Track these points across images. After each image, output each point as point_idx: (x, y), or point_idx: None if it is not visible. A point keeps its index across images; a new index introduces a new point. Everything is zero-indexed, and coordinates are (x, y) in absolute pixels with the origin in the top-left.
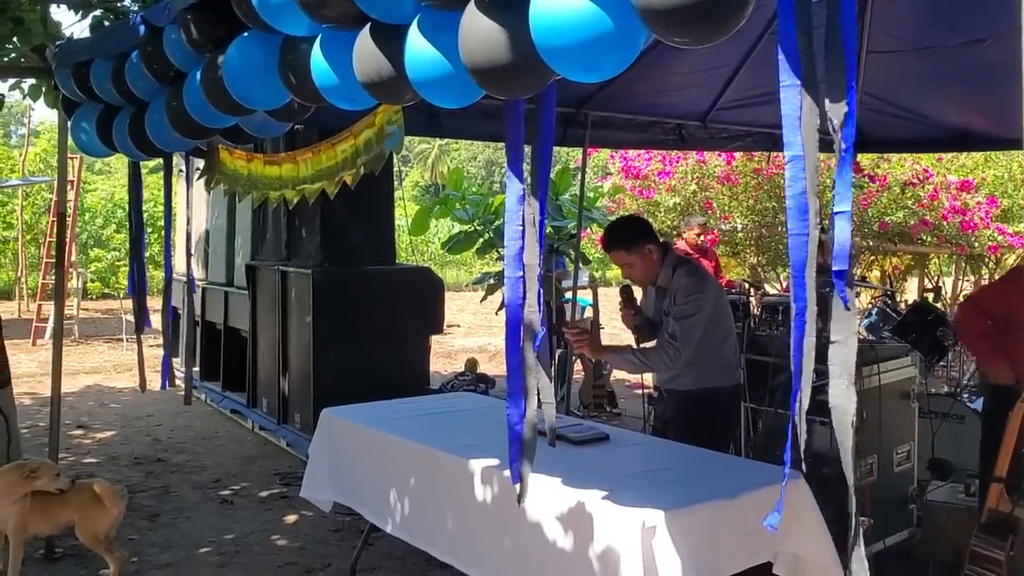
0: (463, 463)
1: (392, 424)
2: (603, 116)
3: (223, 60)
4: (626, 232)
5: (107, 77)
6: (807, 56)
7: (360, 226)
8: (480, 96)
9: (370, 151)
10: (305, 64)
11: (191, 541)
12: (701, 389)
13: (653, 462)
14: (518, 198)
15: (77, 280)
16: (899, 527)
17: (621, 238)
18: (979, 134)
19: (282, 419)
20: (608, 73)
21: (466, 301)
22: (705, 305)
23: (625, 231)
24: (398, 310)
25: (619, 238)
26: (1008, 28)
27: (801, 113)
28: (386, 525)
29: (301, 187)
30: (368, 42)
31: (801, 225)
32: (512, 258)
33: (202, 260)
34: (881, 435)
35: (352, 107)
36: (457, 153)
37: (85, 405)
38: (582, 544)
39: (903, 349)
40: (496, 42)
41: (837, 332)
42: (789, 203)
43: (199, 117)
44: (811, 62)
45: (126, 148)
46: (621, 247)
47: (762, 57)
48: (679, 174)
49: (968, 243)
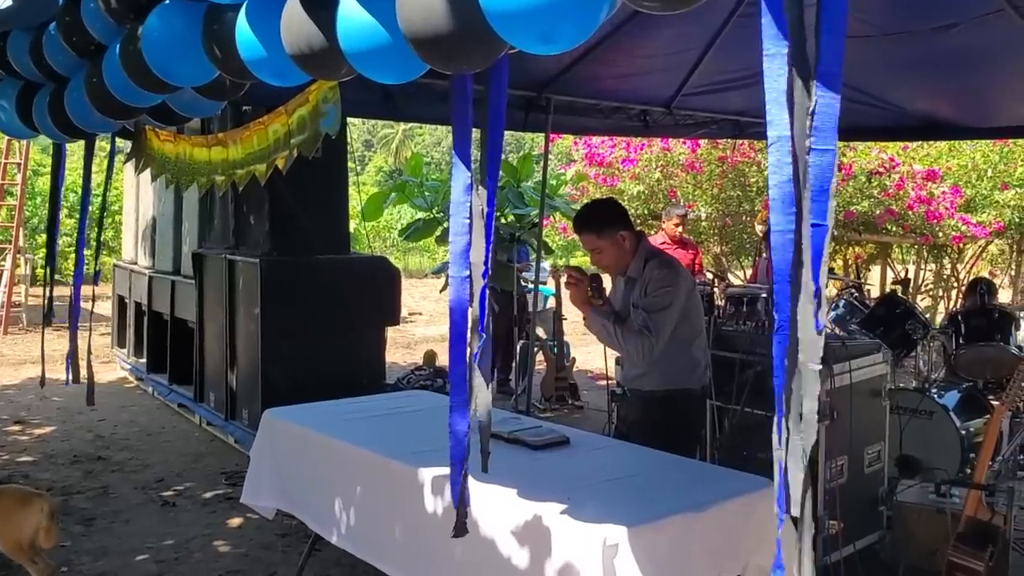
0: (412, 471)
1: (339, 427)
2: (566, 101)
3: (143, 30)
4: (599, 216)
5: (25, 50)
6: (797, 23)
7: (311, 213)
8: (423, 71)
9: (304, 131)
10: (230, 35)
11: (128, 547)
12: (668, 390)
13: (616, 469)
14: (465, 187)
15: (25, 266)
16: (869, 529)
17: (593, 222)
18: (946, 123)
19: (230, 415)
20: (566, 44)
21: (429, 288)
22: (678, 299)
23: (598, 215)
24: (352, 301)
25: (591, 222)
26: (978, 14)
27: (790, 87)
28: (331, 536)
29: (231, 172)
30: (297, 9)
31: (786, 220)
32: (458, 255)
33: (148, 247)
34: (852, 435)
35: (283, 83)
36: (421, 138)
37: (25, 398)
38: (538, 561)
39: (874, 345)
40: (438, 8)
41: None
42: (772, 193)
43: (120, 95)
44: (801, 32)
45: (47, 129)
46: (592, 231)
47: (728, 42)
48: (643, 162)
49: (932, 233)
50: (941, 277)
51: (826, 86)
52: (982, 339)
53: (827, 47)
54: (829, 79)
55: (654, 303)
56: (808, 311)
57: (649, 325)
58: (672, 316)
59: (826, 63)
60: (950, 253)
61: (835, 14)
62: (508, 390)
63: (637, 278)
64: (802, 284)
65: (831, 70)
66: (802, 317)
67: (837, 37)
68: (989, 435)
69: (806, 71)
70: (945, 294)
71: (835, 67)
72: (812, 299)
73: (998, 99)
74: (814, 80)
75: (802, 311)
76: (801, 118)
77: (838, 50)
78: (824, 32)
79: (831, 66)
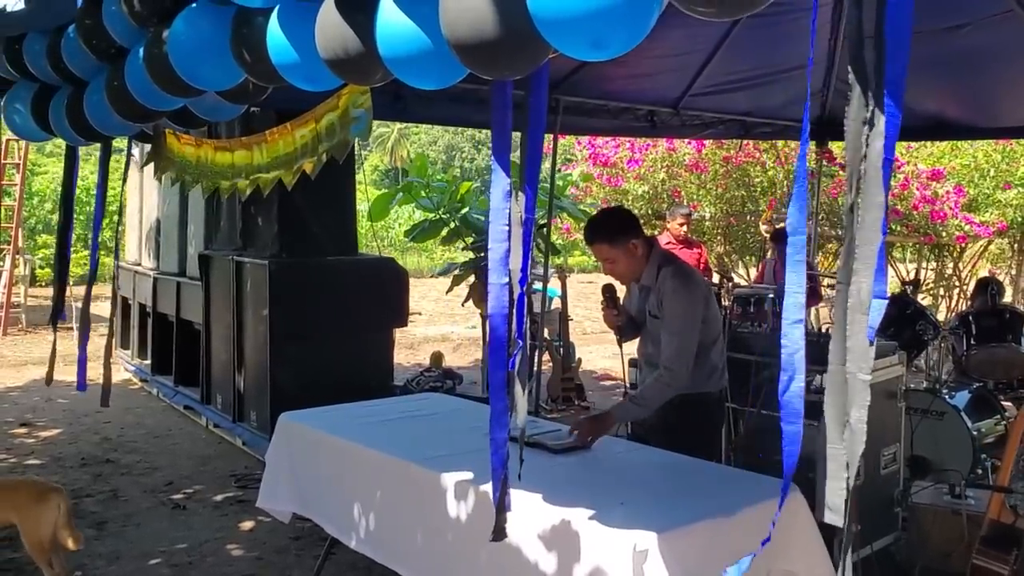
0: (434, 476)
1: (356, 431)
2: (575, 102)
3: (168, 34)
4: (610, 225)
5: (42, 54)
6: (857, 34)
7: (320, 214)
8: (463, 76)
9: (333, 137)
10: (261, 39)
11: (141, 551)
12: (685, 395)
13: (640, 474)
14: (504, 194)
15: (24, 267)
16: (885, 531)
17: (605, 231)
18: (953, 122)
19: (237, 417)
20: (618, 49)
21: (428, 288)
22: (697, 312)
23: (609, 224)
24: (360, 303)
25: (603, 231)
26: (988, 14)
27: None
28: (350, 540)
29: (255, 176)
30: (333, 13)
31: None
32: (497, 262)
33: (153, 249)
34: (869, 437)
35: (314, 88)
36: (417, 137)
37: (30, 400)
38: (566, 567)
39: (890, 347)
40: (484, 12)
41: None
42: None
43: (143, 98)
44: (861, 45)
45: (64, 132)
46: (605, 241)
47: (737, 42)
48: (648, 162)
49: (936, 232)
50: (942, 276)
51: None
52: (993, 340)
53: (892, 57)
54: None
55: (674, 326)
56: (862, 321)
57: (671, 358)
58: (693, 336)
59: (892, 72)
60: (952, 252)
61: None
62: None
63: (651, 285)
64: (852, 293)
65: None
66: (853, 326)
67: (902, 48)
68: (1014, 436)
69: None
70: (947, 293)
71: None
72: (866, 309)
73: (1005, 99)
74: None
75: (852, 319)
76: (857, 128)
77: (903, 60)
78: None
79: (897, 76)
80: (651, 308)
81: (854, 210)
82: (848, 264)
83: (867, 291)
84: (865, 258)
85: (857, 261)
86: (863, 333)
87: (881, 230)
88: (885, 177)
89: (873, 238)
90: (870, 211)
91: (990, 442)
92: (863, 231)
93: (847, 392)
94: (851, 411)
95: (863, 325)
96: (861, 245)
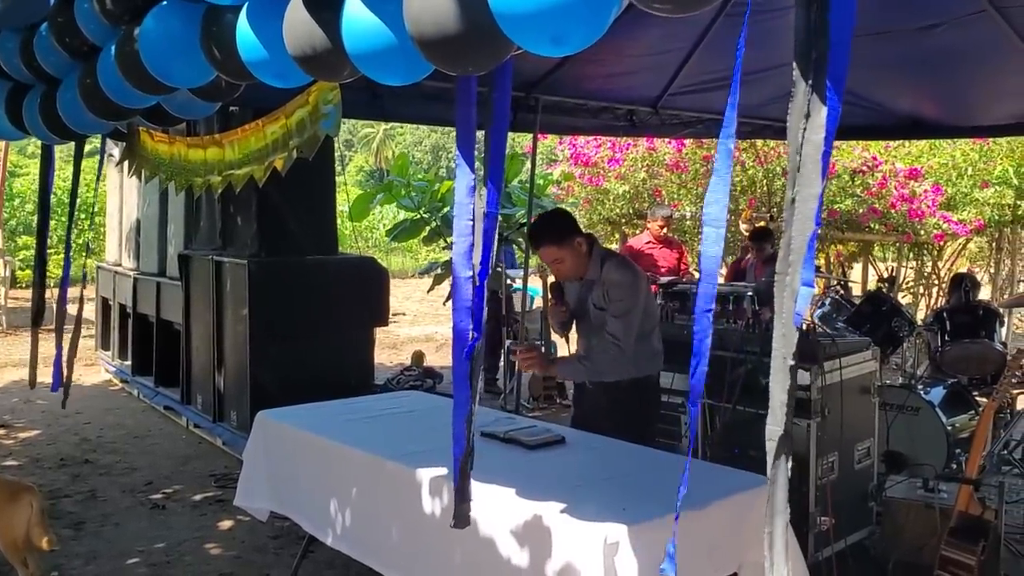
0: (410, 472)
1: (332, 428)
2: (554, 101)
3: (139, 32)
4: (555, 227)
5: (15, 52)
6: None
7: (299, 213)
8: (428, 72)
9: (303, 133)
10: (230, 36)
11: (119, 550)
12: (635, 378)
13: (613, 468)
14: (468, 188)
15: (4, 268)
16: (859, 525)
17: (551, 234)
18: (929, 121)
19: (217, 417)
20: (577, 45)
21: (411, 288)
22: (639, 300)
23: (553, 226)
24: (341, 302)
25: (549, 234)
26: (961, 14)
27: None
28: (326, 537)
29: (228, 173)
30: (300, 10)
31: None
32: (462, 256)
33: (133, 249)
34: (843, 432)
35: (284, 84)
36: (402, 138)
37: (9, 401)
38: (539, 561)
39: (863, 343)
40: (447, 9)
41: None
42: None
43: (115, 96)
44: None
45: (38, 130)
46: (552, 243)
47: (715, 41)
48: (629, 161)
49: (914, 231)
50: (922, 275)
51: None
52: (967, 336)
53: (836, 52)
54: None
55: (621, 308)
56: (791, 308)
57: (618, 331)
58: (636, 318)
59: (835, 67)
60: (930, 251)
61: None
62: (496, 389)
63: (596, 279)
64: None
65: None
66: (783, 314)
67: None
68: (980, 431)
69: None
70: (926, 291)
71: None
72: (794, 297)
73: (980, 99)
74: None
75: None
76: (796, 121)
77: (846, 55)
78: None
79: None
80: (595, 300)
81: (795, 203)
82: (786, 256)
83: (796, 279)
84: (798, 248)
85: (792, 253)
86: (791, 319)
87: (815, 220)
88: (823, 169)
89: (806, 228)
90: (806, 202)
91: (964, 437)
92: (798, 221)
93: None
94: (774, 393)
95: (791, 312)
96: (796, 236)
